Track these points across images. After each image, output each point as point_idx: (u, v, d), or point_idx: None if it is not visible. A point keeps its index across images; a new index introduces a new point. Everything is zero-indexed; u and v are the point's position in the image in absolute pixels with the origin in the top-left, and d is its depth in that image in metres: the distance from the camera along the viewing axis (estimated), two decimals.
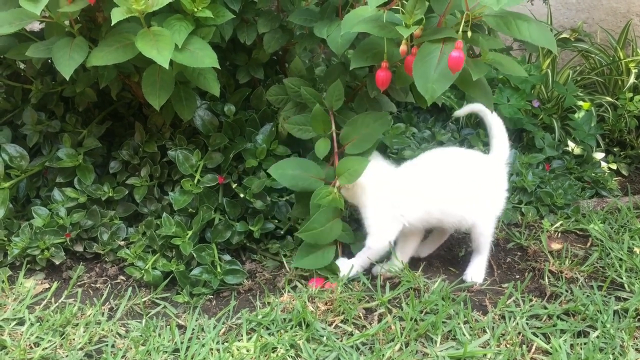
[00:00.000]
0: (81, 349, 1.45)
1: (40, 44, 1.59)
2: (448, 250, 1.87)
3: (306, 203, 1.64)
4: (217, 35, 1.63)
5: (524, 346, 1.45)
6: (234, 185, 1.82)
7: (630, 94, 2.50)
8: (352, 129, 1.65)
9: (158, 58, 1.39)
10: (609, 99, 2.55)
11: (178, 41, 1.45)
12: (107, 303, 1.63)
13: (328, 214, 1.63)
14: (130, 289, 1.67)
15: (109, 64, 1.49)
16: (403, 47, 1.36)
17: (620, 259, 1.78)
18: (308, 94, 1.69)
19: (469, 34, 1.31)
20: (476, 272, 1.70)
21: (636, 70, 2.56)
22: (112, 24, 1.39)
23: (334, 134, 1.69)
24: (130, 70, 1.71)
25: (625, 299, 1.62)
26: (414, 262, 1.77)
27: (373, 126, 1.64)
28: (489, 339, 1.46)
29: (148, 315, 1.57)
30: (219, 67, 1.51)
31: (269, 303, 1.60)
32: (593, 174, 2.26)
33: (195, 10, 1.51)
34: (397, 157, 2.05)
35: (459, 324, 1.51)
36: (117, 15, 1.38)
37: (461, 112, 1.84)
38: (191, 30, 1.50)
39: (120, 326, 1.53)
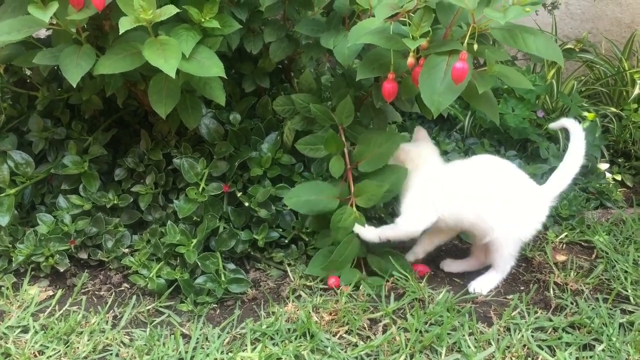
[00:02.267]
0: (85, 357, 1.45)
1: (47, 52, 1.59)
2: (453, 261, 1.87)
3: (321, 217, 1.66)
4: (224, 44, 1.63)
5: (530, 359, 1.45)
6: (238, 194, 1.82)
7: (635, 105, 2.50)
8: (365, 148, 1.68)
9: (165, 67, 1.39)
10: (613, 109, 2.55)
11: (185, 50, 1.45)
12: (111, 311, 1.63)
13: (347, 239, 1.66)
14: (134, 297, 1.67)
15: (116, 72, 1.50)
16: (411, 60, 1.36)
17: (626, 271, 1.77)
18: (318, 111, 1.71)
19: (475, 46, 1.31)
20: (482, 284, 1.70)
21: None
22: (119, 33, 1.39)
23: (346, 150, 1.71)
24: (136, 78, 1.71)
25: (630, 312, 1.61)
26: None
27: (385, 145, 1.66)
28: (494, 352, 1.46)
29: (152, 324, 1.57)
30: (225, 76, 1.51)
31: (273, 313, 1.60)
32: (598, 185, 2.25)
33: (203, 20, 1.51)
34: None
35: (463, 335, 1.50)
36: (125, 24, 1.38)
37: (554, 125, 1.83)
38: (198, 39, 1.50)
39: (125, 335, 1.53)
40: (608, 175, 2.37)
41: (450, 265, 1.81)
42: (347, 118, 1.70)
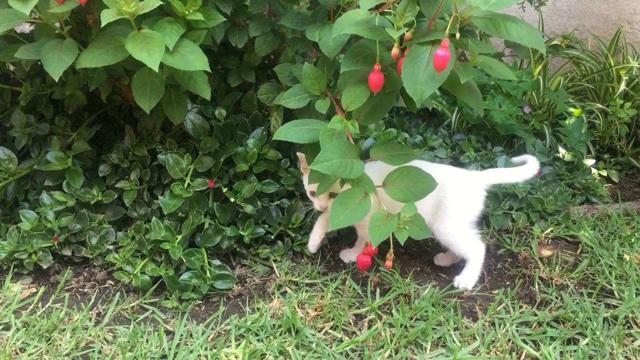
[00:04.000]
0: (67, 354, 1.43)
1: (29, 46, 1.58)
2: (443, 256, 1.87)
3: (317, 152, 1.49)
4: (208, 38, 1.62)
5: (514, 353, 1.45)
6: (224, 190, 1.80)
7: (621, 101, 2.51)
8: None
9: (148, 61, 1.38)
10: (599, 105, 2.56)
11: (169, 44, 1.44)
12: (95, 308, 1.61)
13: (342, 147, 1.48)
14: (118, 293, 1.66)
15: (99, 66, 1.48)
16: (395, 51, 1.36)
17: (610, 266, 1.78)
18: (309, 72, 1.60)
19: (457, 35, 1.31)
20: (465, 278, 1.70)
21: (626, 78, 2.58)
22: (102, 26, 1.37)
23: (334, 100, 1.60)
24: (120, 73, 1.70)
25: (615, 306, 1.62)
26: (405, 269, 1.77)
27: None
28: (478, 346, 1.46)
29: (136, 321, 1.56)
30: (210, 70, 1.50)
31: (258, 309, 1.59)
32: (583, 181, 2.26)
33: (187, 13, 1.50)
34: None
35: (449, 330, 1.50)
36: (107, 17, 1.37)
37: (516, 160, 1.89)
38: (182, 33, 1.49)
39: (108, 332, 1.51)
40: (594, 171, 2.38)
41: (440, 260, 1.82)
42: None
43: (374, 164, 1.58)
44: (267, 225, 1.83)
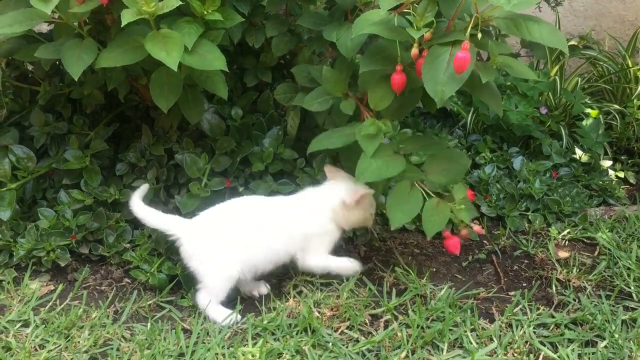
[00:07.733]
0: (86, 351, 1.44)
1: (49, 45, 1.59)
2: (455, 258, 1.86)
3: (352, 155, 1.52)
4: (225, 38, 1.63)
5: (532, 355, 1.44)
6: (240, 189, 1.81)
7: (639, 102, 2.49)
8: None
9: (167, 60, 1.39)
10: (616, 106, 2.54)
11: (188, 44, 1.45)
12: (112, 306, 1.62)
13: (378, 149, 1.47)
14: (135, 292, 1.66)
15: (118, 65, 1.49)
16: (414, 51, 1.36)
17: (629, 268, 1.76)
18: (317, 71, 1.62)
19: (479, 36, 1.31)
20: None
21: None
22: (122, 26, 1.38)
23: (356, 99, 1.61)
24: (138, 72, 1.71)
25: (633, 309, 1.61)
26: (421, 269, 1.77)
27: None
28: (496, 348, 1.46)
29: (153, 319, 1.56)
30: (227, 70, 1.50)
31: (274, 308, 1.59)
32: (600, 182, 2.24)
33: (205, 13, 1.51)
34: None
35: (465, 331, 1.50)
36: (127, 16, 1.38)
37: None
38: (200, 33, 1.50)
39: (126, 329, 1.52)
40: (611, 172, 2.36)
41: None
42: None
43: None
44: None
